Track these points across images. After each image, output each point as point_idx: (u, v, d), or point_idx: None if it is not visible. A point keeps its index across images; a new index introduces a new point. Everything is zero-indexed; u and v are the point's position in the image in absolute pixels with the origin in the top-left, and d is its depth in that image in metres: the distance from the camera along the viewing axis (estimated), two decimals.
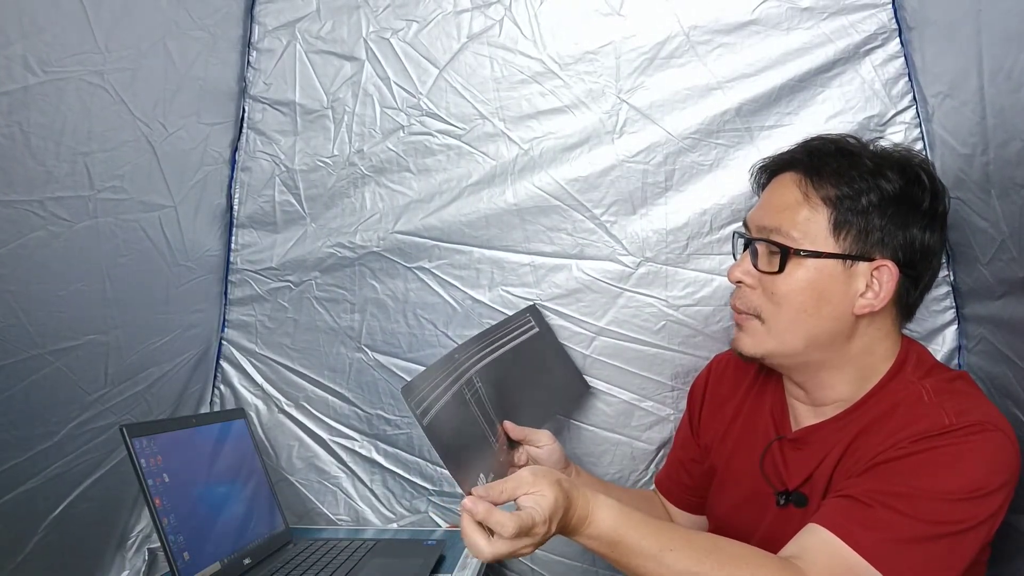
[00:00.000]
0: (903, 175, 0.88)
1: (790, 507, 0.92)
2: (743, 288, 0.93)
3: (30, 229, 0.89)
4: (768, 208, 0.93)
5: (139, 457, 0.96)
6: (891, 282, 0.86)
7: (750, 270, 0.92)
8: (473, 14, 1.25)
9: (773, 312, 0.90)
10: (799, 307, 0.88)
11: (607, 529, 0.76)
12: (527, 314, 1.21)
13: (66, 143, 0.92)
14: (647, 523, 0.77)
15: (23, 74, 0.84)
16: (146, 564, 1.24)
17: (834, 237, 0.87)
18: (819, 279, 0.87)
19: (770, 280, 0.89)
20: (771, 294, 0.90)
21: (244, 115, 1.34)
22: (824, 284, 0.87)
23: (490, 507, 0.74)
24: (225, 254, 1.36)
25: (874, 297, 0.86)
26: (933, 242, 0.89)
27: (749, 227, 0.95)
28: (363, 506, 1.37)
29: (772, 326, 0.90)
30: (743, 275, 0.93)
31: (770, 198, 0.94)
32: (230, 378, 1.39)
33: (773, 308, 0.90)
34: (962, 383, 0.89)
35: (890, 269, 0.86)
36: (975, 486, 0.76)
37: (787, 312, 0.89)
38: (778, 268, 0.88)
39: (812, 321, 0.88)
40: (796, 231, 0.88)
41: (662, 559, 0.74)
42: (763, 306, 0.91)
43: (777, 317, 0.90)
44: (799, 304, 0.88)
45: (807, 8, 1.13)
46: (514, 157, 1.25)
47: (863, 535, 0.74)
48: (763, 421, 1.00)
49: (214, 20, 1.20)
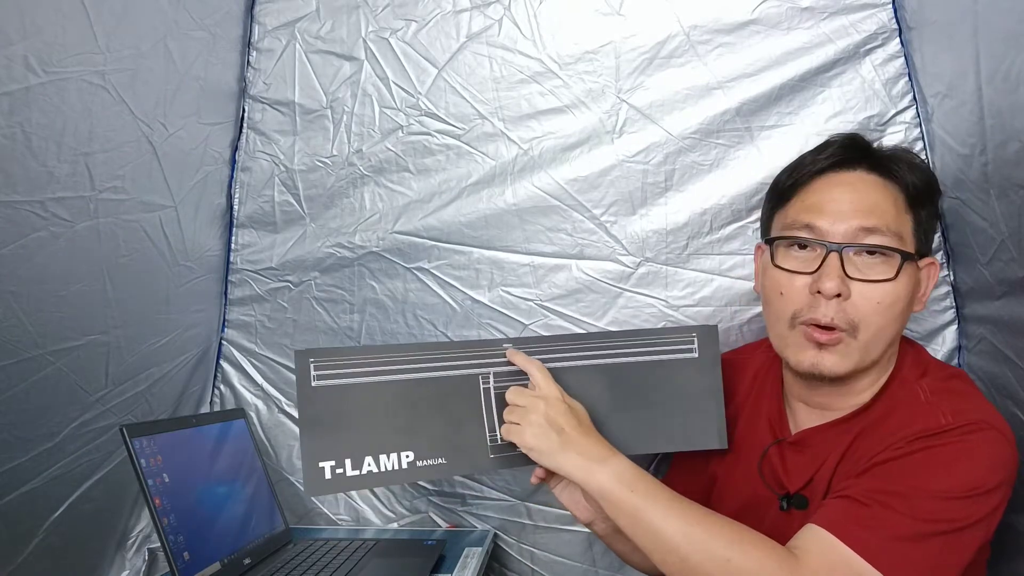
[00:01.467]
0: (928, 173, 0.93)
1: (792, 511, 0.92)
2: (835, 301, 0.83)
3: (31, 229, 0.89)
4: (858, 210, 0.85)
5: (139, 457, 0.96)
6: (935, 279, 0.90)
7: (845, 279, 0.83)
8: (472, 14, 1.25)
9: (872, 322, 0.84)
10: (899, 313, 0.85)
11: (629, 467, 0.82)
12: (693, 334, 1.03)
13: (67, 143, 0.92)
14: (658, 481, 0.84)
15: (24, 74, 0.84)
16: (146, 564, 1.24)
17: (916, 237, 0.88)
18: (914, 282, 0.88)
19: (874, 288, 0.83)
20: (876, 303, 0.83)
21: (244, 115, 1.34)
22: (915, 287, 0.88)
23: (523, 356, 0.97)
24: (225, 254, 1.36)
25: (923, 295, 0.90)
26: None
27: (822, 232, 0.86)
28: (363, 506, 1.37)
29: (864, 337, 0.84)
30: (842, 286, 0.83)
31: (855, 198, 0.87)
32: (230, 378, 1.39)
33: (874, 318, 0.84)
34: (959, 382, 0.89)
35: (936, 266, 0.90)
36: (972, 485, 0.76)
37: (885, 320, 0.84)
38: (894, 274, 0.83)
39: (897, 326, 0.87)
40: (898, 233, 0.85)
41: (670, 507, 0.79)
42: (864, 317, 0.84)
43: (872, 327, 0.84)
44: (900, 310, 0.85)
45: (807, 8, 1.13)
46: (513, 157, 1.25)
47: (861, 534, 0.74)
48: (760, 425, 1.00)
49: (214, 20, 1.20)
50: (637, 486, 0.80)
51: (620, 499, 0.80)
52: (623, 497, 0.80)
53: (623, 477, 0.81)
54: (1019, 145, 0.83)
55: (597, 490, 0.82)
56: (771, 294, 0.92)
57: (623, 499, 0.80)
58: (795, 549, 0.76)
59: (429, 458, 0.95)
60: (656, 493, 0.80)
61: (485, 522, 1.32)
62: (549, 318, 1.25)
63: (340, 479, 0.93)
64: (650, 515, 0.78)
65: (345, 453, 0.93)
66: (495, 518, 1.31)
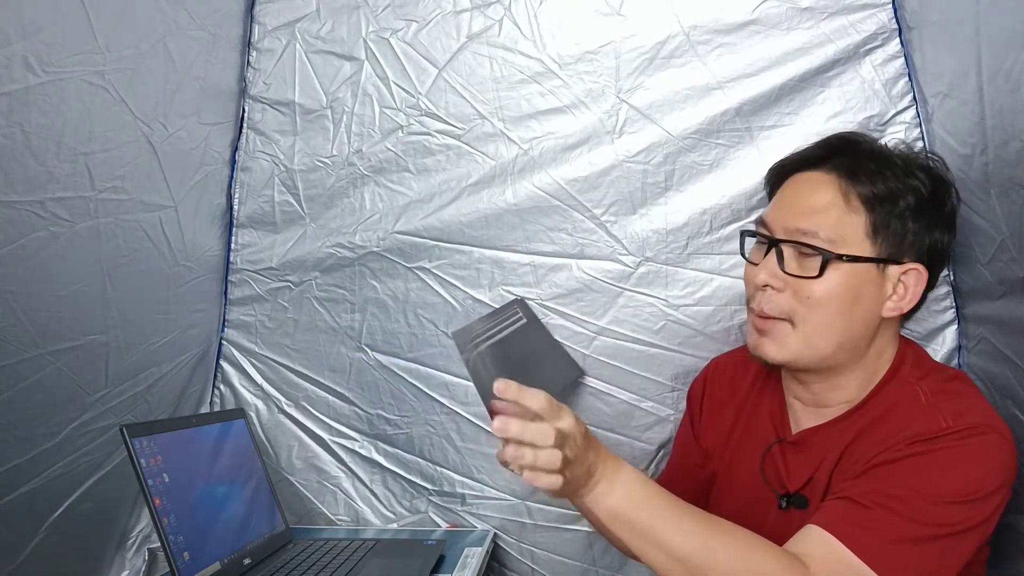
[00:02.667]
0: (929, 176, 0.89)
1: (791, 510, 0.92)
2: (769, 292, 0.89)
3: (31, 229, 0.89)
4: (798, 209, 0.90)
5: (139, 457, 0.96)
6: (919, 285, 0.87)
7: (777, 273, 0.88)
8: (472, 14, 1.25)
9: (806, 316, 0.87)
10: (836, 311, 0.86)
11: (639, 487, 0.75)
12: (515, 306, 1.23)
13: (67, 143, 0.92)
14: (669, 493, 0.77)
15: (24, 74, 0.84)
16: (146, 564, 1.24)
17: (871, 240, 0.86)
18: (856, 283, 0.86)
19: (804, 284, 0.86)
20: (805, 298, 0.86)
21: (244, 115, 1.34)
22: (860, 288, 0.86)
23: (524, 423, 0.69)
24: (225, 254, 1.36)
25: (900, 300, 0.87)
26: (948, 243, 0.90)
27: (770, 227, 0.91)
28: (363, 506, 1.37)
29: (804, 330, 0.87)
30: (770, 278, 0.89)
31: (797, 197, 0.91)
32: (230, 378, 1.39)
33: (806, 312, 0.87)
34: (959, 383, 0.89)
35: (919, 272, 0.87)
36: (972, 488, 0.76)
37: (822, 316, 0.86)
38: (817, 273, 0.85)
39: (845, 324, 0.87)
40: (833, 234, 0.86)
41: (684, 526, 0.74)
42: (796, 309, 0.87)
43: (810, 321, 0.87)
44: (836, 308, 0.86)
45: (807, 8, 1.13)
46: (514, 157, 1.25)
47: (862, 536, 0.74)
48: (762, 424, 1.00)
49: (214, 20, 1.20)
50: (646, 504, 0.75)
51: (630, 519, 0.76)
52: (633, 517, 0.75)
53: (632, 496, 0.75)
54: (1020, 145, 0.83)
55: (607, 514, 0.75)
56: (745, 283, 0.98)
57: (633, 519, 0.75)
58: (801, 555, 0.75)
59: None
60: (665, 510, 0.75)
61: (485, 522, 1.32)
62: (550, 317, 1.25)
63: None
64: (660, 534, 0.74)
65: None
66: (495, 518, 1.31)
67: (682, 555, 0.73)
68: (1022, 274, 0.89)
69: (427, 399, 1.32)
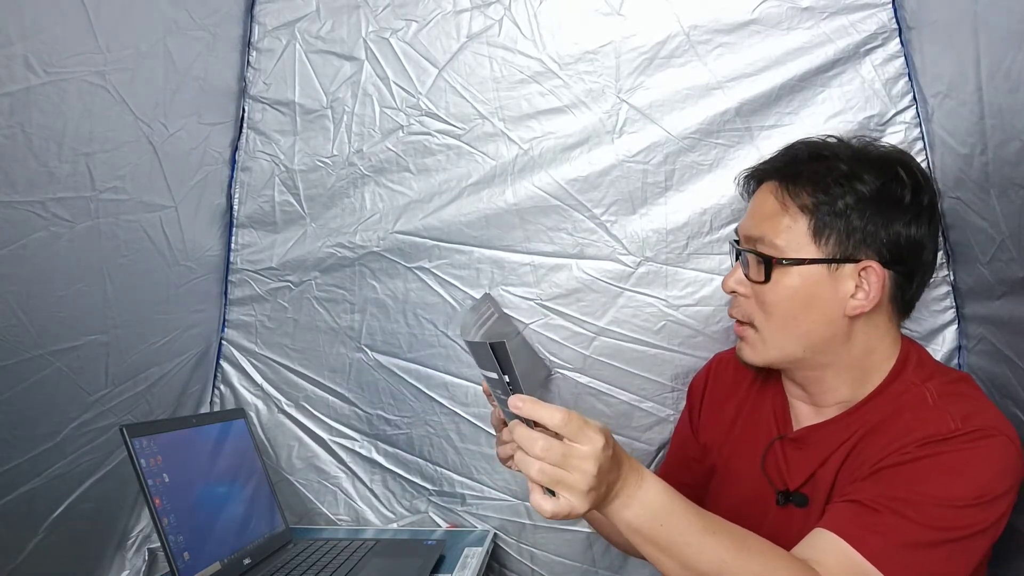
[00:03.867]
0: (881, 173, 0.88)
1: (790, 507, 0.92)
2: (737, 297, 0.95)
3: (32, 230, 0.89)
4: (752, 218, 0.95)
5: (139, 457, 0.96)
6: (879, 282, 0.86)
7: (742, 279, 0.93)
8: (472, 14, 1.25)
9: (764, 320, 0.91)
10: (788, 314, 0.90)
11: (660, 501, 0.72)
12: (487, 301, 1.23)
13: (68, 144, 0.92)
14: (690, 503, 0.74)
15: (24, 75, 0.84)
16: (146, 564, 1.24)
17: (815, 243, 0.88)
18: (805, 285, 0.88)
19: (760, 289, 0.91)
20: (762, 303, 0.91)
21: (244, 115, 1.34)
22: (810, 290, 0.88)
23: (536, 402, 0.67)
24: (225, 254, 1.36)
25: (864, 298, 0.87)
26: (920, 235, 0.88)
27: (739, 236, 0.97)
28: (363, 506, 1.37)
29: (766, 334, 0.92)
30: (736, 284, 0.94)
31: (754, 208, 0.96)
32: (230, 378, 1.39)
33: (764, 316, 0.91)
34: (966, 385, 0.89)
35: (876, 269, 0.86)
36: (980, 492, 0.76)
37: (777, 320, 0.90)
38: (764, 278, 0.90)
39: (804, 327, 0.89)
40: (780, 239, 0.89)
41: (704, 542, 0.71)
42: (755, 314, 0.92)
43: (769, 325, 0.91)
44: (787, 311, 0.90)
45: (807, 8, 1.13)
46: (514, 157, 1.25)
47: (872, 540, 0.75)
48: (764, 420, 1.00)
49: (214, 20, 1.20)
50: (667, 519, 0.72)
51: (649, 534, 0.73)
52: (652, 532, 0.72)
53: (651, 509, 0.72)
54: (1019, 145, 0.83)
55: (625, 526, 0.73)
56: None
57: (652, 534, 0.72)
58: (812, 561, 0.75)
59: None
60: (685, 525, 0.72)
61: (485, 522, 1.32)
62: (549, 317, 1.25)
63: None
64: (681, 550, 0.72)
65: None
66: (495, 518, 1.31)
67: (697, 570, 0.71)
68: (1022, 274, 0.89)
69: (427, 399, 1.32)
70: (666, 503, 0.72)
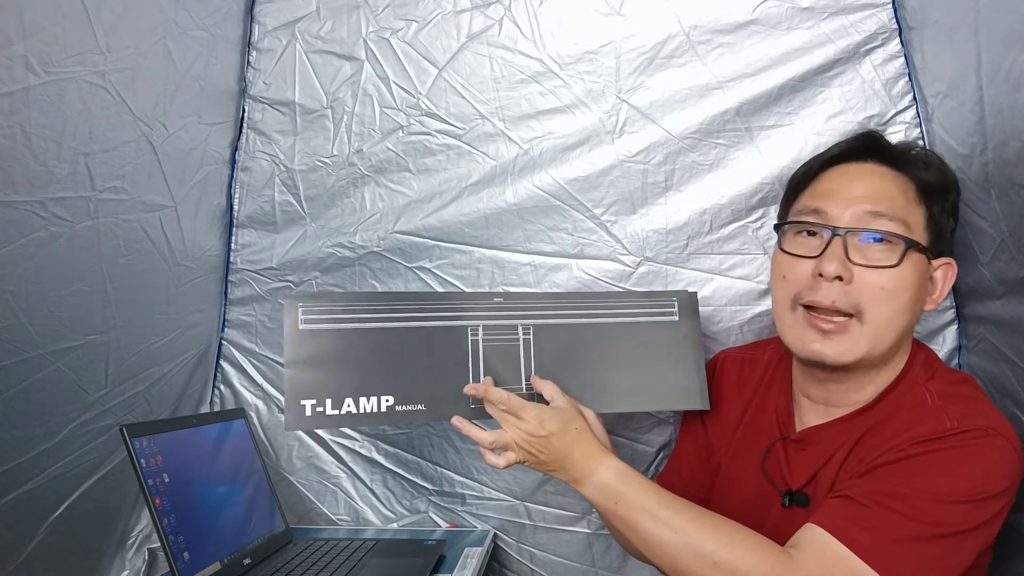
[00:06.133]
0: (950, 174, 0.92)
1: (793, 508, 0.91)
2: (837, 284, 0.84)
3: (31, 229, 0.89)
4: (869, 196, 0.86)
5: (139, 457, 0.96)
6: (952, 279, 0.89)
7: (847, 263, 0.84)
8: (473, 14, 1.25)
9: (879, 309, 0.84)
10: (906, 303, 0.85)
11: (612, 478, 0.85)
12: (674, 298, 1.08)
13: (67, 143, 0.92)
14: (648, 482, 0.86)
15: (24, 75, 0.84)
16: (146, 564, 1.24)
17: (927, 232, 0.87)
18: (921, 274, 0.86)
19: (876, 274, 0.83)
20: (879, 289, 0.83)
21: (244, 115, 1.34)
22: (922, 279, 0.87)
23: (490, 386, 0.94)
24: (225, 254, 1.36)
25: (936, 296, 0.89)
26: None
27: (828, 216, 0.87)
28: (363, 506, 1.37)
29: (873, 325, 0.84)
30: (842, 269, 0.84)
31: (864, 185, 0.88)
32: (230, 378, 1.39)
33: (879, 304, 0.83)
34: (967, 387, 0.88)
35: (953, 267, 0.89)
36: (975, 490, 0.76)
37: (893, 308, 0.84)
38: (897, 261, 0.83)
39: (907, 317, 0.86)
40: (910, 221, 0.85)
41: (657, 514, 0.81)
42: (868, 303, 0.83)
43: (880, 314, 0.84)
44: (907, 300, 0.85)
45: (807, 8, 1.13)
46: (514, 157, 1.25)
47: (860, 535, 0.74)
48: (767, 421, 1.00)
49: (214, 20, 1.20)
50: (621, 498, 0.84)
51: (606, 510, 0.86)
52: (609, 508, 0.85)
53: (606, 491, 0.85)
54: (1020, 145, 0.83)
55: (592, 503, 0.88)
56: (775, 278, 0.94)
57: (609, 510, 0.85)
58: (791, 548, 0.76)
59: (408, 403, 0.99)
60: (641, 501, 0.83)
61: (485, 522, 1.32)
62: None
63: (319, 417, 0.97)
64: (636, 525, 0.82)
65: (326, 393, 0.97)
66: (495, 518, 1.31)
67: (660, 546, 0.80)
68: (1022, 274, 0.89)
69: None
70: (618, 484, 0.84)
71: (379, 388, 0.98)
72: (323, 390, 0.97)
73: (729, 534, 0.79)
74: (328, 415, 0.97)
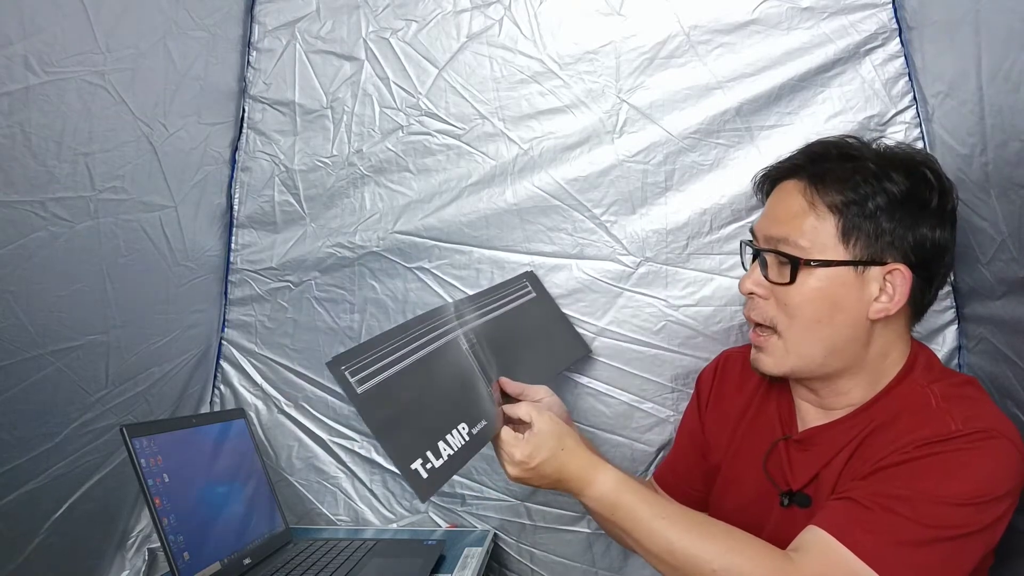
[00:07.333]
0: (909, 175, 0.87)
1: (794, 508, 0.91)
2: (756, 299, 0.92)
3: (31, 229, 0.89)
4: (774, 217, 0.92)
5: (139, 457, 0.96)
6: (905, 285, 0.85)
7: (761, 281, 0.90)
8: (473, 14, 1.25)
9: (788, 324, 0.88)
10: (813, 317, 0.87)
11: (609, 490, 0.84)
12: (523, 280, 1.21)
13: (67, 143, 0.92)
14: (644, 491, 0.85)
15: (24, 74, 0.84)
16: (146, 564, 1.24)
17: (843, 244, 0.86)
18: (831, 287, 0.86)
19: (782, 291, 0.88)
20: (784, 305, 0.88)
21: (244, 115, 1.34)
22: (836, 292, 0.86)
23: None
24: (225, 254, 1.36)
25: (888, 301, 0.86)
26: (944, 239, 0.87)
27: (756, 237, 0.94)
28: (363, 506, 1.37)
29: (789, 339, 0.89)
30: (754, 286, 0.91)
31: (775, 207, 0.93)
32: (230, 378, 1.39)
33: (787, 319, 0.88)
34: (971, 388, 0.88)
35: (903, 272, 0.85)
36: (978, 492, 0.75)
37: (802, 323, 0.88)
38: (789, 279, 0.87)
39: (828, 330, 0.87)
40: (804, 240, 0.87)
41: (653, 523, 0.81)
42: (778, 317, 0.89)
43: (792, 329, 0.88)
44: (813, 314, 0.87)
45: (807, 8, 1.13)
46: (514, 157, 1.25)
47: (863, 537, 0.74)
48: (768, 421, 1.00)
49: (214, 20, 1.20)
50: (617, 509, 0.84)
51: (604, 520, 0.88)
52: (606, 518, 0.86)
53: (602, 502, 0.85)
54: (1020, 145, 0.83)
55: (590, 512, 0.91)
56: None
57: (606, 520, 0.86)
58: (793, 551, 0.76)
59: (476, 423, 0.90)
60: (637, 511, 0.82)
61: (485, 522, 1.32)
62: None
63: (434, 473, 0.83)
64: (634, 534, 0.82)
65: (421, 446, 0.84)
66: (495, 518, 1.31)
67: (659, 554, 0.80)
68: (1022, 274, 0.89)
69: None
70: (613, 495, 0.84)
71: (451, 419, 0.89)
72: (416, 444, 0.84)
73: (727, 541, 0.79)
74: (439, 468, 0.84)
